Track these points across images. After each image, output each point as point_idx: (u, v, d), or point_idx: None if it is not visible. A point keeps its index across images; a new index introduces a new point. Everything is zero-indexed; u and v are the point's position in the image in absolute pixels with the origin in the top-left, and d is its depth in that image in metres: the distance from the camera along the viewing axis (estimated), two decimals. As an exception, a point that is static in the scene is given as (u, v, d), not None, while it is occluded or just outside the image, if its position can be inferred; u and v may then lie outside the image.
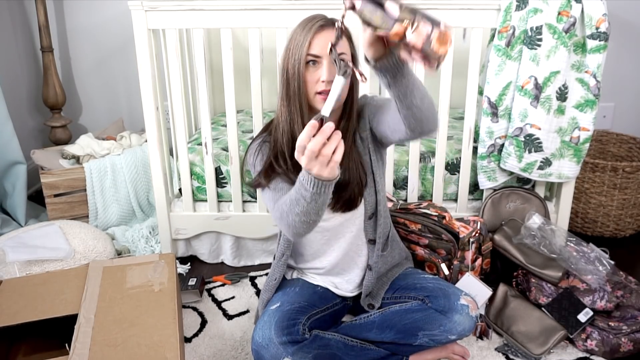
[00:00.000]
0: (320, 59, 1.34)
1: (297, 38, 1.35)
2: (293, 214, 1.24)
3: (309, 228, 1.28)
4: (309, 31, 1.34)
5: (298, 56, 1.34)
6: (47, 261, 1.90)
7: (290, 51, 1.36)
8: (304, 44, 1.33)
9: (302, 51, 1.33)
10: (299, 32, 1.36)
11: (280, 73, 1.40)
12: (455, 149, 2.07)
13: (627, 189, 2.21)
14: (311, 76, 1.35)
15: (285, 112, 1.39)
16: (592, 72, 1.82)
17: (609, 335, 1.63)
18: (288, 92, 1.37)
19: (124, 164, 2.36)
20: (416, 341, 1.46)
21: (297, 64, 1.34)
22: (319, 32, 1.34)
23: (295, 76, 1.35)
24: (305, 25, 1.36)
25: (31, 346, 1.60)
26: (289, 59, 1.36)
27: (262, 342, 1.38)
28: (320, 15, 1.39)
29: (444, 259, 1.79)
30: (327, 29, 1.35)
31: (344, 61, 1.14)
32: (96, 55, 2.85)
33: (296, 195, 1.21)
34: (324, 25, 1.35)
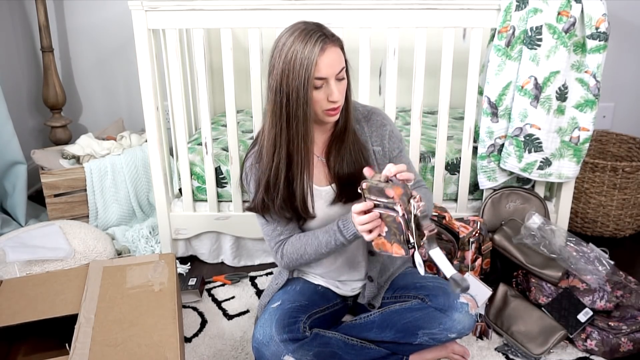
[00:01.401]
0: (325, 80, 1.31)
1: (299, 58, 1.27)
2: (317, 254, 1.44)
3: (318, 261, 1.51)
4: (311, 52, 1.27)
5: (303, 79, 1.28)
6: (47, 261, 1.90)
7: (291, 73, 1.28)
8: (310, 67, 1.27)
9: (309, 74, 1.27)
10: (298, 51, 1.28)
11: (275, 93, 1.32)
12: (455, 149, 2.07)
13: (627, 189, 2.21)
14: (318, 96, 1.32)
15: (283, 136, 1.34)
16: (592, 72, 1.82)
17: (609, 335, 1.63)
18: (289, 116, 1.31)
19: (124, 164, 2.36)
20: (416, 340, 1.46)
21: (303, 87, 1.28)
22: (323, 52, 1.28)
23: (301, 100, 1.29)
24: (304, 42, 1.28)
25: (31, 346, 1.60)
26: (290, 81, 1.29)
27: (262, 339, 1.39)
28: (313, 26, 1.32)
29: (444, 259, 1.79)
30: (329, 47, 1.30)
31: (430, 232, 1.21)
32: (96, 55, 2.85)
33: (328, 239, 1.40)
34: (326, 43, 1.29)
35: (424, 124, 2.29)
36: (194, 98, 2.40)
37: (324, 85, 1.32)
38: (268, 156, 1.39)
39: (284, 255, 1.49)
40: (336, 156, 1.44)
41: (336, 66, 1.31)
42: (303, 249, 1.45)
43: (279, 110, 1.33)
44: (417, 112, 1.94)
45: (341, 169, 1.43)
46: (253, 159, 1.46)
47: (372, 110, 1.51)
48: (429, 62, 1.92)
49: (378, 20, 1.84)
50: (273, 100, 1.33)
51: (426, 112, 2.46)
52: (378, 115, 1.50)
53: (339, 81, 1.34)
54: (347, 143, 1.43)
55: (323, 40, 1.29)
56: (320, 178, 1.47)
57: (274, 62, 1.32)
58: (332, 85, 1.32)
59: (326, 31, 1.32)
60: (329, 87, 1.32)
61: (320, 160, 1.47)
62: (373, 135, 1.48)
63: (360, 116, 1.49)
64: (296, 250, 1.46)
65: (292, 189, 1.40)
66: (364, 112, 1.50)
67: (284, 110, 1.32)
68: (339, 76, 1.33)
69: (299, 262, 1.48)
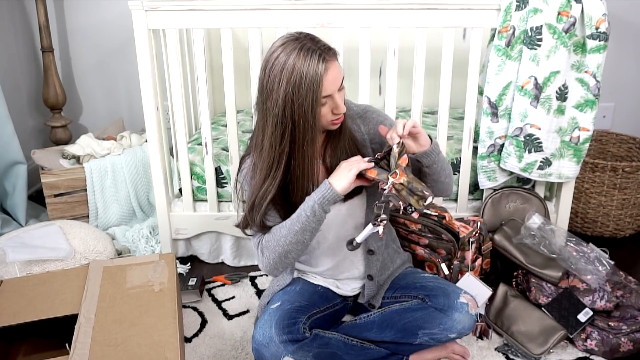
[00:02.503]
0: (330, 96, 1.31)
1: (304, 82, 1.24)
2: (292, 233, 1.36)
3: (297, 254, 1.41)
4: (316, 72, 1.24)
5: (312, 103, 1.26)
6: (48, 261, 1.90)
7: (297, 98, 1.25)
8: (317, 90, 1.25)
9: (316, 95, 1.25)
10: (303, 74, 1.24)
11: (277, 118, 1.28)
12: (455, 149, 2.07)
13: (627, 189, 2.21)
14: (324, 111, 1.32)
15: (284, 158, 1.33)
16: (592, 72, 1.82)
17: (609, 335, 1.63)
18: (295, 140, 1.30)
19: (124, 164, 2.36)
20: (416, 340, 1.46)
21: (310, 111, 1.26)
22: (327, 71, 1.26)
23: (309, 124, 1.28)
24: (306, 64, 1.24)
25: (31, 346, 1.61)
26: (297, 107, 1.26)
27: (262, 340, 1.39)
28: (308, 42, 1.28)
29: (444, 259, 1.80)
30: (329, 63, 1.27)
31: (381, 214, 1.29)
32: (96, 55, 2.85)
33: (298, 212, 1.36)
34: (326, 60, 1.26)
35: (424, 124, 2.29)
36: (194, 98, 2.40)
37: (329, 100, 1.31)
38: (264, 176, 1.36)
39: (264, 247, 1.42)
40: (332, 156, 1.44)
41: (338, 81, 1.31)
42: (278, 232, 1.39)
43: (280, 135, 1.30)
44: (417, 112, 1.94)
45: None
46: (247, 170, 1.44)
47: (367, 108, 1.51)
48: (429, 62, 1.92)
49: (378, 20, 1.84)
50: (274, 126, 1.29)
51: (426, 112, 2.46)
52: (373, 113, 1.50)
53: (340, 91, 1.34)
54: (342, 143, 1.43)
55: (323, 58, 1.26)
56: (320, 179, 1.47)
57: (273, 87, 1.27)
58: (336, 98, 1.31)
59: (322, 46, 1.29)
60: (333, 101, 1.32)
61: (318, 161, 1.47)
62: (370, 133, 1.48)
63: (355, 115, 1.49)
64: (273, 236, 1.40)
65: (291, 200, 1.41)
66: (359, 111, 1.50)
67: (288, 135, 1.30)
68: (340, 87, 1.33)
69: (277, 252, 1.39)
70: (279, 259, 1.41)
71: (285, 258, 1.41)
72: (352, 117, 1.49)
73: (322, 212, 1.34)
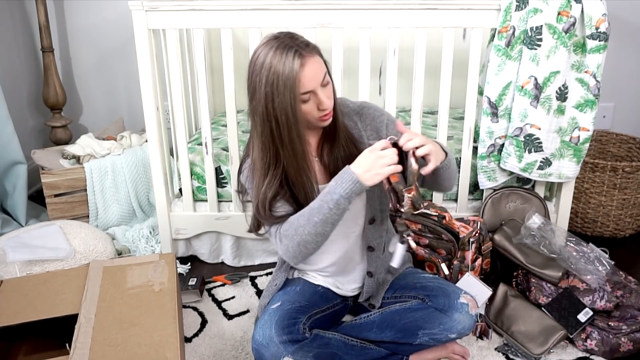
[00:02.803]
0: (312, 92, 1.30)
1: (281, 79, 1.25)
2: (311, 224, 1.33)
3: (317, 244, 1.37)
4: (292, 69, 1.24)
5: (290, 99, 1.26)
6: (48, 261, 1.90)
7: (276, 96, 1.26)
8: (293, 86, 1.25)
9: (293, 92, 1.25)
10: (278, 72, 1.25)
11: (262, 118, 1.29)
12: (455, 149, 2.07)
13: (627, 189, 2.21)
14: (306, 108, 1.32)
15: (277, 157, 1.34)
16: (592, 72, 1.82)
17: (609, 335, 1.63)
18: (282, 138, 1.30)
19: (124, 164, 2.36)
20: (416, 340, 1.46)
21: (289, 107, 1.26)
22: (303, 67, 1.26)
23: (291, 120, 1.28)
24: (282, 61, 1.25)
25: (31, 346, 1.61)
26: (277, 105, 1.27)
27: (262, 341, 1.39)
28: (287, 40, 1.28)
29: (444, 259, 1.80)
30: (307, 59, 1.27)
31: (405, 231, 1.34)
32: (96, 55, 2.85)
33: (320, 203, 1.32)
34: (304, 56, 1.26)
35: (424, 124, 2.29)
36: (194, 98, 2.40)
37: (312, 97, 1.31)
38: (262, 176, 1.37)
39: (282, 236, 1.39)
40: (329, 154, 1.44)
41: (319, 76, 1.30)
42: (296, 221, 1.36)
43: (269, 134, 1.31)
44: (417, 112, 1.94)
45: (336, 167, 1.43)
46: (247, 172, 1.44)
47: (363, 105, 1.51)
48: (429, 62, 1.92)
49: (378, 20, 1.84)
50: (261, 125, 1.31)
51: (426, 112, 2.46)
52: (370, 109, 1.50)
53: (325, 87, 1.33)
54: (338, 140, 1.43)
55: (299, 54, 1.26)
56: (320, 179, 1.47)
57: (255, 86, 1.29)
58: (319, 94, 1.31)
59: (300, 42, 1.28)
60: (317, 97, 1.31)
61: (316, 160, 1.47)
62: (367, 129, 1.48)
63: (352, 112, 1.49)
64: (290, 225, 1.37)
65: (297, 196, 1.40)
66: (355, 108, 1.50)
67: (275, 133, 1.31)
68: (324, 83, 1.32)
69: (295, 241, 1.36)
70: (298, 248, 1.37)
71: (305, 248, 1.37)
72: (348, 114, 1.48)
73: (347, 204, 1.31)
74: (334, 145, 1.43)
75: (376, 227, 1.53)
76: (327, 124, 1.38)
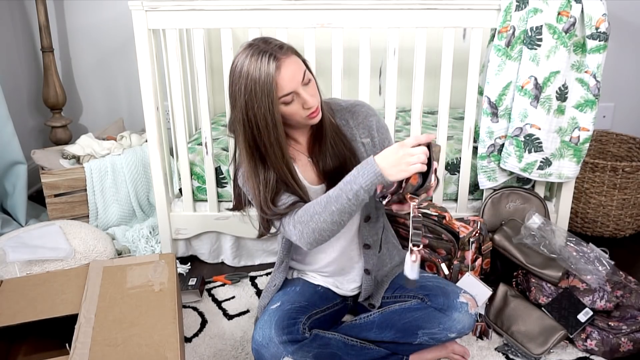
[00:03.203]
0: (293, 93, 1.30)
1: (258, 85, 1.26)
2: (327, 213, 1.30)
3: (333, 232, 1.34)
4: (268, 74, 1.25)
5: (268, 104, 1.26)
6: (48, 261, 1.90)
7: (254, 102, 1.27)
8: (271, 90, 1.25)
9: (271, 97, 1.26)
10: (255, 78, 1.25)
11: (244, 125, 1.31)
12: (455, 149, 2.07)
13: (627, 189, 2.21)
14: (291, 109, 1.32)
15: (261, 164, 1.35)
16: (592, 72, 1.82)
17: (609, 335, 1.63)
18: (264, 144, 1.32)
19: (124, 164, 2.36)
20: (416, 340, 1.47)
21: (268, 112, 1.27)
22: (279, 70, 1.26)
23: (270, 125, 1.29)
24: (257, 67, 1.26)
25: (31, 346, 1.60)
26: (256, 110, 1.27)
27: (262, 341, 1.39)
28: (260, 44, 1.29)
29: (444, 259, 1.80)
30: (284, 60, 1.27)
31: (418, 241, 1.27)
32: (96, 55, 2.85)
33: (338, 192, 1.29)
34: (277, 59, 1.26)
35: (424, 124, 2.29)
36: (194, 98, 2.40)
37: (295, 98, 1.31)
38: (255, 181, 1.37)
39: (296, 222, 1.36)
40: (318, 153, 1.44)
41: (297, 76, 1.29)
42: (312, 208, 1.34)
43: (252, 140, 1.33)
44: (417, 112, 1.94)
45: (326, 164, 1.43)
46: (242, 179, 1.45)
47: (356, 103, 1.51)
48: (429, 62, 1.92)
49: (378, 20, 1.84)
50: (243, 133, 1.33)
51: (426, 112, 2.46)
52: (362, 107, 1.49)
53: (307, 85, 1.32)
54: (326, 138, 1.42)
55: (274, 57, 1.26)
56: (313, 177, 1.47)
57: (235, 96, 1.31)
58: (302, 94, 1.30)
59: (274, 45, 1.29)
60: (300, 97, 1.31)
61: (308, 160, 1.47)
62: (359, 127, 1.47)
63: (343, 110, 1.49)
64: (305, 212, 1.35)
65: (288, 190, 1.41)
66: (347, 106, 1.50)
67: (257, 139, 1.32)
68: (304, 82, 1.31)
69: (310, 227, 1.33)
70: (313, 234, 1.34)
71: (320, 235, 1.34)
72: (340, 111, 1.48)
73: (367, 197, 1.28)
74: (322, 142, 1.43)
75: (371, 224, 1.53)
76: (316, 121, 1.37)
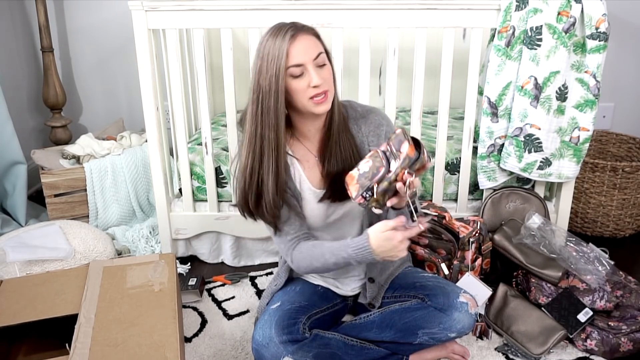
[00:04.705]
0: (303, 67, 1.31)
1: (271, 53, 1.30)
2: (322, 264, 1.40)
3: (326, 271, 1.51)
4: (282, 43, 1.29)
5: (276, 70, 1.29)
6: (48, 261, 1.90)
7: (264, 68, 1.31)
8: (281, 57, 1.29)
9: (280, 65, 1.29)
10: (270, 46, 1.30)
11: (253, 92, 1.34)
12: (455, 149, 2.07)
13: (627, 189, 2.21)
14: (298, 85, 1.32)
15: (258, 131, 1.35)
16: (592, 72, 1.82)
17: (609, 335, 1.63)
18: (264, 109, 1.32)
19: (124, 164, 2.36)
20: (416, 340, 1.46)
21: (273, 79, 1.29)
22: (293, 41, 1.29)
23: (273, 91, 1.30)
24: (275, 36, 1.31)
25: (31, 346, 1.60)
26: (264, 76, 1.31)
27: (262, 341, 1.39)
28: (286, 23, 1.34)
29: (444, 259, 1.80)
30: (299, 35, 1.30)
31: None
32: (96, 55, 2.85)
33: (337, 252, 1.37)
34: (295, 33, 1.30)
35: (424, 124, 2.29)
36: (194, 98, 2.40)
37: (304, 74, 1.31)
38: (245, 156, 1.39)
39: (293, 260, 1.46)
40: (327, 153, 1.43)
41: (310, 51, 1.31)
42: (310, 262, 1.43)
43: (256, 107, 1.34)
44: (417, 112, 1.94)
45: (331, 166, 1.43)
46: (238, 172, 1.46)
47: (371, 110, 1.50)
48: (429, 62, 1.92)
49: (378, 20, 1.84)
50: (252, 100, 1.35)
51: (426, 112, 2.46)
52: (376, 115, 1.49)
53: (320, 67, 1.33)
54: (335, 137, 1.42)
55: (293, 30, 1.31)
56: (317, 179, 1.46)
57: (254, 68, 1.35)
58: (310, 70, 1.31)
59: (298, 24, 1.33)
60: (308, 74, 1.31)
61: (316, 160, 1.47)
62: (370, 135, 1.47)
63: (357, 115, 1.48)
64: (304, 259, 1.44)
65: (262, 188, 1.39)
66: (362, 112, 1.49)
67: (260, 105, 1.33)
68: (318, 62, 1.32)
69: (305, 264, 1.44)
70: (307, 269, 1.46)
71: (313, 271, 1.48)
72: (354, 118, 1.48)
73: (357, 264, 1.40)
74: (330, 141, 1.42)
75: None
76: (322, 109, 1.35)
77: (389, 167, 1.25)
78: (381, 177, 1.25)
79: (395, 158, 1.24)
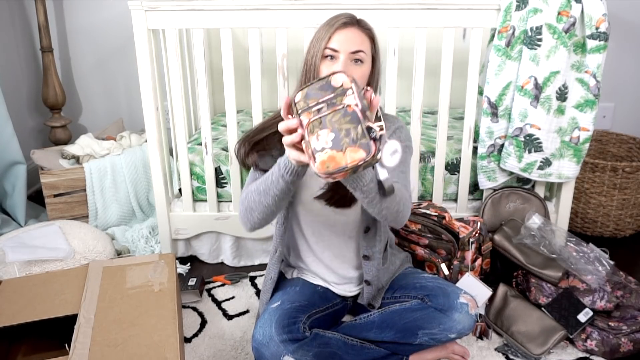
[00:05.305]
0: (337, 54, 1.34)
1: (319, 33, 1.37)
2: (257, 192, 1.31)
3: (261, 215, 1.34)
4: (331, 27, 1.36)
5: (317, 49, 1.36)
6: (47, 261, 1.90)
7: (311, 45, 1.38)
8: (324, 38, 1.35)
9: (321, 45, 1.35)
10: (322, 28, 1.38)
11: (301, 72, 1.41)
12: (455, 149, 2.07)
13: (627, 189, 2.21)
14: (325, 68, 1.35)
15: None
16: (592, 72, 1.82)
17: (609, 335, 1.63)
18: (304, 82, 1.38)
19: (124, 164, 2.36)
20: (416, 340, 1.46)
21: (314, 57, 1.36)
22: (341, 29, 1.35)
23: (312, 68, 1.36)
24: (329, 22, 1.38)
25: (31, 346, 1.60)
26: (309, 53, 1.38)
27: (262, 340, 1.38)
28: (347, 14, 1.40)
29: (444, 259, 1.80)
30: (350, 27, 1.36)
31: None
32: (96, 55, 2.85)
33: (268, 172, 1.29)
34: (348, 24, 1.36)
35: (424, 124, 2.29)
36: (194, 98, 2.40)
37: (335, 60, 1.34)
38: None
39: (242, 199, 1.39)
40: None
41: (351, 44, 1.34)
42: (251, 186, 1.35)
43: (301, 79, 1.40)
44: (417, 112, 1.94)
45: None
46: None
47: (399, 125, 1.49)
48: (429, 62, 1.92)
49: (378, 20, 1.84)
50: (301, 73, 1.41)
51: (426, 112, 2.46)
52: (402, 131, 1.47)
53: (355, 63, 1.35)
54: None
55: (346, 19, 1.36)
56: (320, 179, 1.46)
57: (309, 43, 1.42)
58: (341, 59, 1.33)
59: (355, 18, 1.39)
60: (338, 63, 1.33)
61: None
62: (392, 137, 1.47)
63: (392, 127, 1.48)
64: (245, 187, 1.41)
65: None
66: (396, 125, 1.48)
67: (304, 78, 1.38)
68: (354, 57, 1.35)
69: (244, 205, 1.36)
70: (245, 211, 1.37)
71: (250, 214, 1.36)
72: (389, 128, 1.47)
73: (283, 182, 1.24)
74: None
75: (370, 236, 1.52)
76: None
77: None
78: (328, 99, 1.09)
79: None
